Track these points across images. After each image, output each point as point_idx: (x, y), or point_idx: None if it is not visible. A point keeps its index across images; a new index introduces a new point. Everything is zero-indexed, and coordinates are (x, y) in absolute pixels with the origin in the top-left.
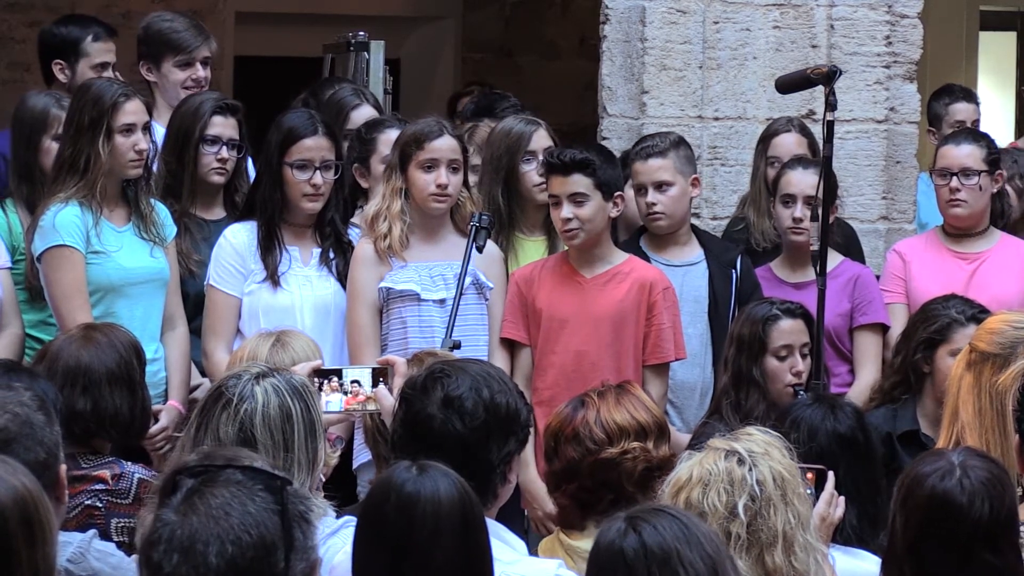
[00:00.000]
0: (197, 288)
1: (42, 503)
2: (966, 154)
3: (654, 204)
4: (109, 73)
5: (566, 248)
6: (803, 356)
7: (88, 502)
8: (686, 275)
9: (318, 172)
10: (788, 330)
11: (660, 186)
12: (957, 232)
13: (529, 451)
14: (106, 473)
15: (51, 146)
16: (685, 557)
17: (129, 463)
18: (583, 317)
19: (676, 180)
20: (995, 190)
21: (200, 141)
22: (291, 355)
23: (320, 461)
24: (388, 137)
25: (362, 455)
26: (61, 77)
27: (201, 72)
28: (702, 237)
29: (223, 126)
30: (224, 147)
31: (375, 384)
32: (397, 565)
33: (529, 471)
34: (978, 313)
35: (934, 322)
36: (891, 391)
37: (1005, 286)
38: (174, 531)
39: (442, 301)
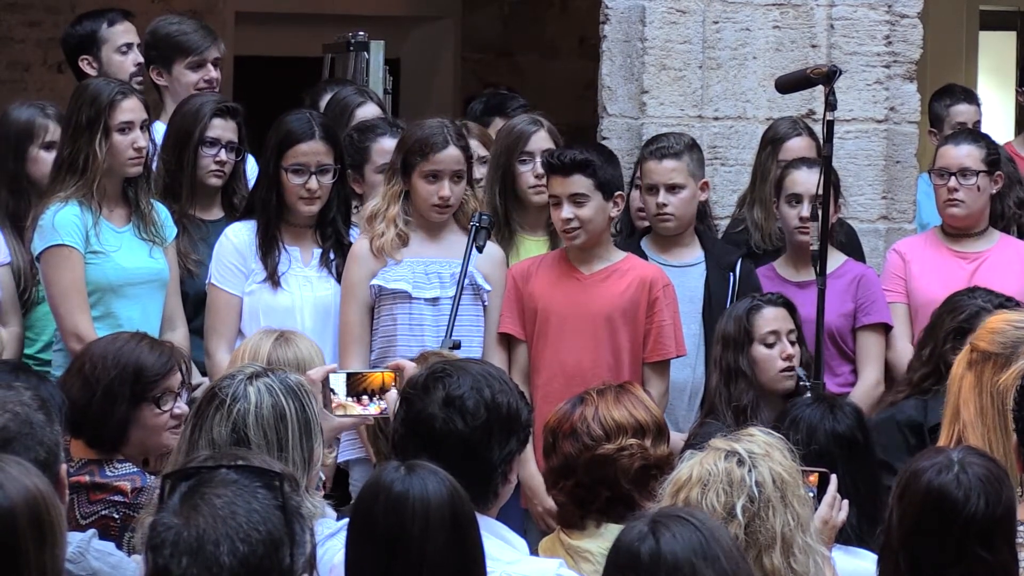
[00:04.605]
0: (196, 288)
1: (53, 504)
2: (965, 154)
3: (665, 205)
4: (135, 53)
5: (556, 246)
6: (791, 343)
7: (104, 512)
8: (683, 276)
9: (314, 177)
10: (772, 317)
11: (672, 188)
12: (956, 232)
13: (528, 447)
14: (126, 485)
15: (39, 155)
16: (699, 571)
17: (152, 477)
18: (581, 313)
19: (688, 183)
20: (994, 191)
21: (199, 143)
22: (295, 351)
23: (317, 460)
24: (381, 146)
25: (347, 452)
26: (90, 71)
27: (213, 73)
28: (704, 239)
29: (223, 129)
30: (223, 150)
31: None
32: (388, 565)
33: (529, 466)
34: (1004, 302)
35: (962, 311)
36: (920, 383)
37: (1005, 286)
38: (180, 533)
39: (435, 300)
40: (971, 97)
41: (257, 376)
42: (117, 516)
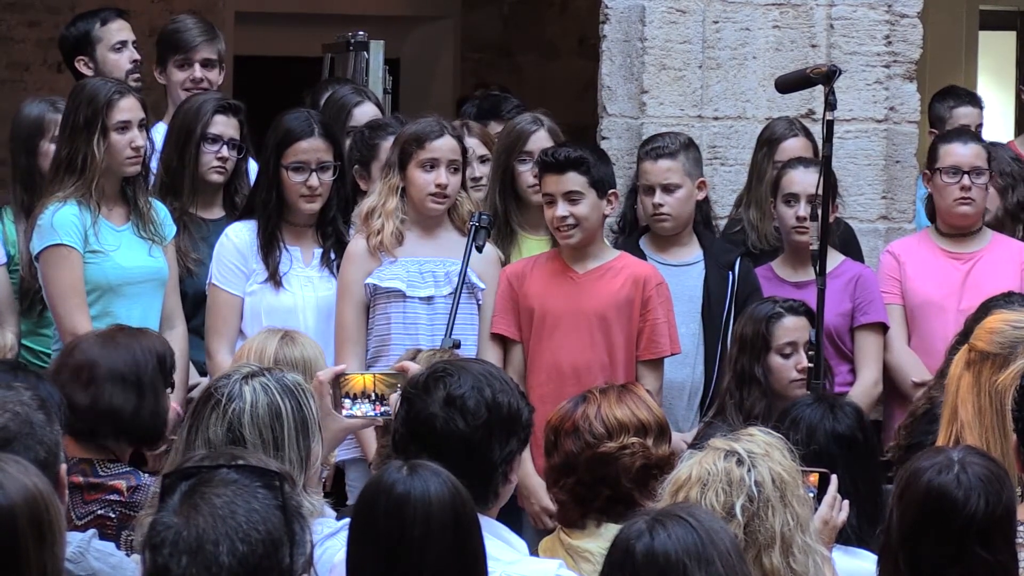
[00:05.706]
0: (195, 287)
1: (52, 504)
2: (974, 153)
3: (661, 205)
4: (131, 50)
5: (558, 245)
6: (808, 353)
7: (101, 512)
8: (682, 275)
9: (314, 174)
10: (792, 327)
11: (668, 188)
12: (952, 232)
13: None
14: (122, 484)
15: (50, 149)
16: (691, 572)
17: (147, 475)
18: (576, 313)
19: (684, 183)
20: (991, 191)
21: (201, 139)
22: (300, 351)
23: (314, 459)
24: (390, 144)
25: (343, 451)
26: (86, 71)
27: (199, 73)
28: (703, 238)
29: (224, 125)
30: (224, 146)
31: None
32: (390, 565)
33: (526, 466)
34: None
35: None
36: None
37: (999, 286)
38: (179, 533)
39: (429, 299)
40: (974, 99)
41: (253, 375)
42: (113, 515)
